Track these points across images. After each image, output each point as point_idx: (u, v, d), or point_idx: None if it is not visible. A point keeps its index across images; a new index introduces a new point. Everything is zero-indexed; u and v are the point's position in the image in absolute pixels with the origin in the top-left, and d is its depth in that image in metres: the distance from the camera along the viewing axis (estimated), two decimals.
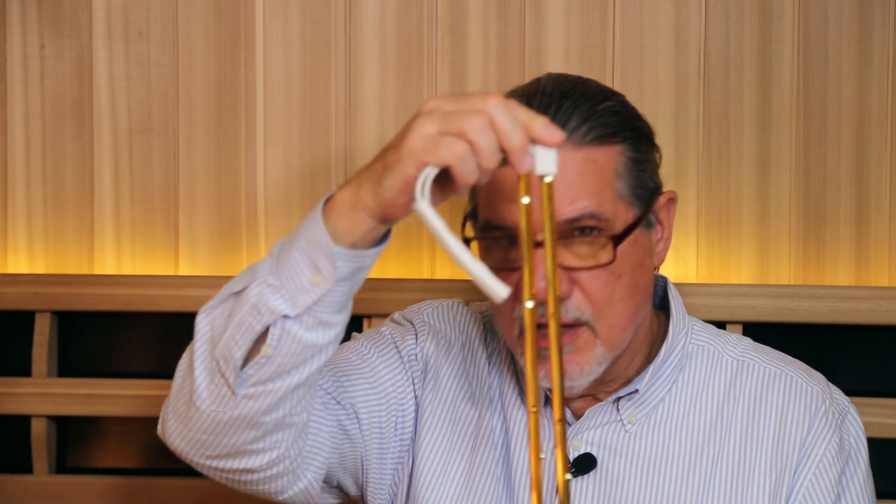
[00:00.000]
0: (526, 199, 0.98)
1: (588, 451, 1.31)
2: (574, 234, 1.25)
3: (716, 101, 1.76)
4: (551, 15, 1.77)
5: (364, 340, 1.40)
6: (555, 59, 1.76)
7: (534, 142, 1.00)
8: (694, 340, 1.37)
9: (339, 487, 1.36)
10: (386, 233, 1.10)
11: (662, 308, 1.39)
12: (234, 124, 1.83)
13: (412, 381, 1.38)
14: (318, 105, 1.81)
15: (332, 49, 1.81)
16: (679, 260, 1.76)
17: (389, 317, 1.46)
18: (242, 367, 1.12)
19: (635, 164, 1.29)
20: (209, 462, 1.21)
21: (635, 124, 1.32)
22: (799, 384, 1.35)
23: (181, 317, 1.78)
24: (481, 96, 1.00)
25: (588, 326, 1.26)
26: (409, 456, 1.38)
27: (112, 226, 1.85)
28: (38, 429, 1.81)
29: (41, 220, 1.86)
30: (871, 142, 1.74)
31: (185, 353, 1.18)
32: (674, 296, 1.38)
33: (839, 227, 1.75)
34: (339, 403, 1.31)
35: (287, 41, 1.81)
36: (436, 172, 1.01)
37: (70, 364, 1.84)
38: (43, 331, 1.80)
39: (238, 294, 1.12)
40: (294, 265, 1.09)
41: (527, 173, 0.99)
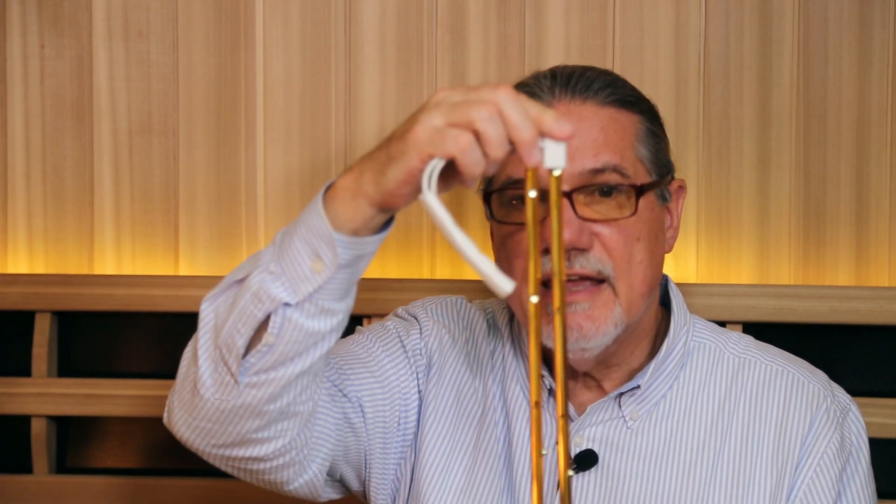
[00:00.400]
0: (533, 193, 0.97)
1: (590, 448, 1.31)
2: (594, 194, 1.27)
3: (716, 101, 1.76)
4: (551, 15, 1.77)
5: (369, 334, 1.41)
6: (555, 59, 1.76)
7: (543, 135, 0.99)
8: (696, 338, 1.38)
9: (341, 482, 1.37)
10: (388, 220, 1.10)
11: (665, 306, 1.40)
12: (234, 124, 1.83)
13: (416, 376, 1.39)
14: (318, 105, 1.81)
15: (332, 49, 1.81)
16: (679, 260, 1.76)
17: (394, 311, 1.46)
18: (245, 356, 1.12)
19: (653, 135, 1.33)
20: (215, 451, 1.21)
21: (649, 104, 1.36)
22: (801, 381, 1.35)
23: (181, 317, 1.78)
24: (491, 87, 1.00)
25: (609, 284, 1.27)
26: (411, 451, 1.38)
27: (112, 226, 1.85)
28: (38, 429, 1.81)
29: (41, 220, 1.86)
30: (871, 142, 1.74)
31: (191, 342, 1.18)
32: (675, 294, 1.39)
33: (839, 227, 1.75)
34: (344, 395, 1.31)
35: (287, 41, 1.81)
36: (442, 165, 1.00)
37: (70, 364, 1.84)
38: (43, 331, 1.80)
39: (241, 282, 1.13)
40: (295, 253, 1.09)
41: (534, 166, 0.98)
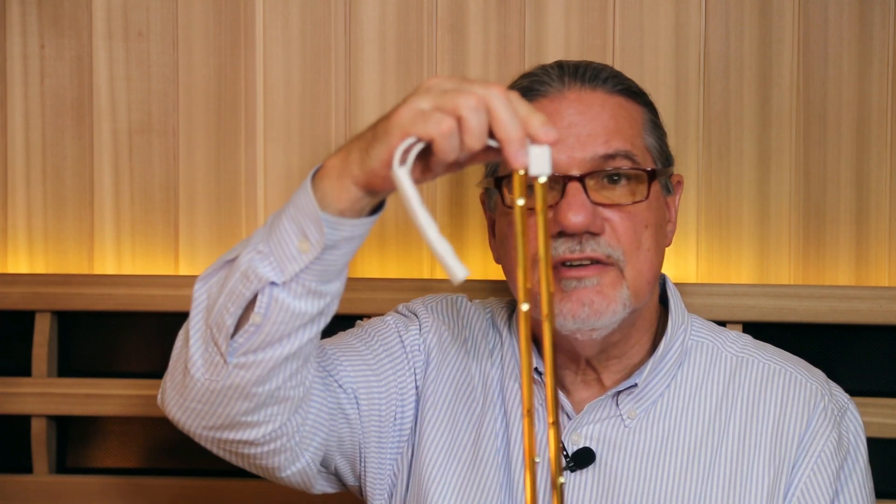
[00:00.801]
0: (521, 201, 0.96)
1: (587, 446, 1.31)
2: (604, 181, 1.28)
3: (716, 101, 1.76)
4: (551, 15, 1.77)
5: (368, 328, 1.41)
6: (554, 60, 1.75)
7: (529, 137, 0.99)
8: (693, 336, 1.38)
9: (336, 475, 1.37)
10: (378, 206, 1.10)
11: (664, 305, 1.40)
12: (234, 124, 1.83)
13: (414, 372, 1.39)
14: (318, 105, 1.81)
15: (332, 49, 1.81)
16: (679, 260, 1.76)
17: (394, 308, 1.47)
18: (234, 336, 1.12)
19: (657, 127, 1.35)
20: (206, 433, 1.21)
21: (648, 98, 1.38)
22: (798, 380, 1.35)
23: (181, 317, 1.77)
24: (483, 83, 1.01)
25: (618, 267, 1.28)
26: (408, 446, 1.38)
27: (112, 226, 1.85)
28: (38, 429, 1.81)
29: (41, 220, 1.86)
30: (871, 142, 1.74)
31: (185, 323, 1.19)
32: (672, 293, 1.39)
33: (839, 227, 1.75)
34: (340, 386, 1.32)
35: (287, 41, 1.81)
36: (421, 146, 1.00)
37: (70, 364, 1.84)
38: (43, 331, 1.81)
39: (232, 262, 1.13)
40: (283, 232, 1.09)
41: (519, 168, 0.97)
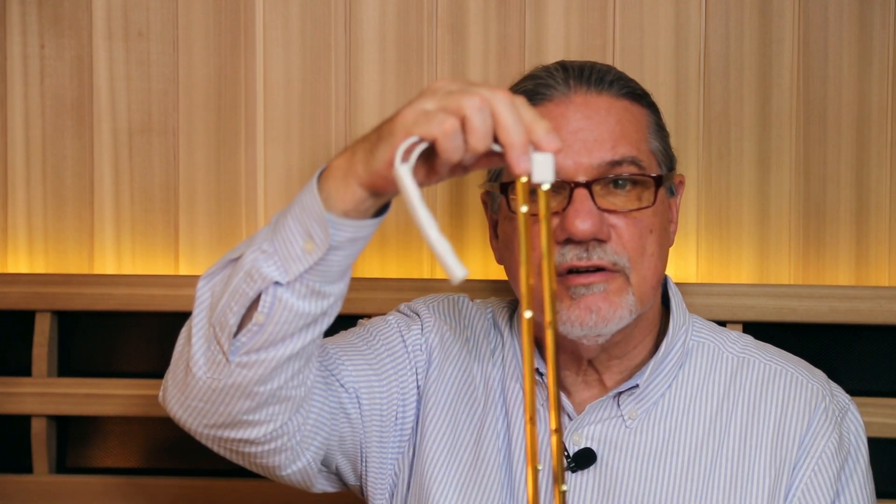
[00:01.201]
0: (524, 208, 0.96)
1: (588, 446, 1.31)
2: (609, 187, 1.28)
3: (716, 101, 1.76)
4: (551, 15, 1.77)
5: (370, 327, 1.41)
6: (555, 60, 1.75)
7: (532, 144, 0.98)
8: (695, 337, 1.38)
9: (337, 474, 1.37)
10: (384, 207, 1.09)
11: (665, 305, 1.40)
12: (234, 124, 1.83)
13: (415, 372, 1.39)
14: (318, 105, 1.81)
15: (332, 49, 1.81)
16: (679, 260, 1.76)
17: (396, 308, 1.47)
18: (236, 335, 1.12)
19: (660, 128, 1.35)
20: (207, 431, 1.21)
21: (652, 100, 1.38)
22: (799, 381, 1.35)
23: (181, 317, 1.77)
24: (489, 86, 1.00)
25: (623, 274, 1.28)
26: (409, 446, 1.38)
27: (112, 226, 1.85)
28: (38, 429, 1.80)
29: (41, 220, 1.86)
30: (871, 142, 1.74)
31: (187, 321, 1.19)
32: (674, 293, 1.39)
33: (839, 227, 1.75)
34: (342, 385, 1.32)
35: (287, 41, 1.81)
36: (425, 146, 1.00)
37: (70, 364, 1.84)
38: (43, 331, 1.80)
39: (237, 261, 1.13)
40: (288, 232, 1.09)
41: (521, 175, 0.97)
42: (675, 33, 1.75)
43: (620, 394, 1.33)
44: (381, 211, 1.10)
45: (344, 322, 1.48)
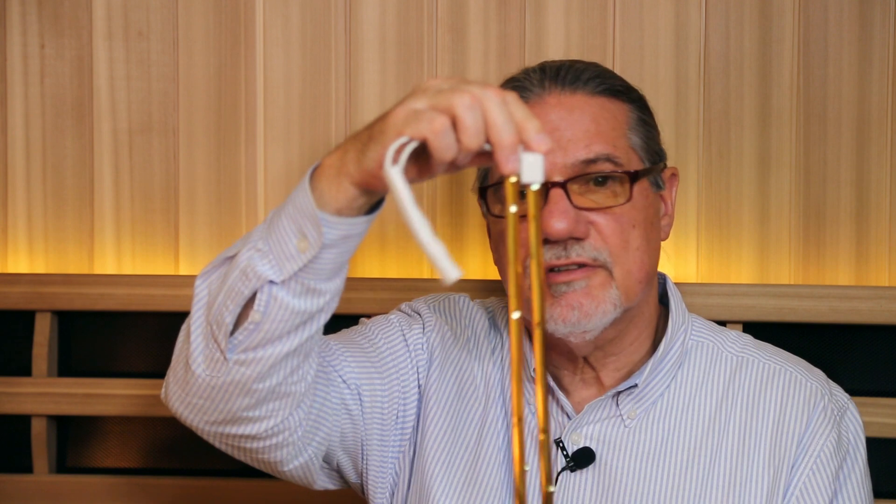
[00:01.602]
0: (513, 208, 0.95)
1: (587, 446, 1.32)
2: (589, 184, 1.28)
3: (716, 101, 1.76)
4: (551, 15, 1.77)
5: (372, 325, 1.41)
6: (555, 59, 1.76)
7: (522, 144, 0.97)
8: (694, 337, 1.38)
9: (338, 471, 1.37)
10: (377, 203, 1.09)
11: (664, 305, 1.40)
12: (234, 124, 1.83)
13: (416, 371, 1.39)
14: (318, 105, 1.81)
15: (332, 49, 1.81)
16: (679, 260, 1.76)
17: (397, 307, 1.47)
18: (233, 333, 1.12)
19: (644, 123, 1.34)
20: (209, 427, 1.21)
21: (638, 94, 1.37)
22: (798, 380, 1.35)
23: (181, 317, 1.77)
24: (481, 84, 1.00)
25: (605, 269, 1.28)
26: (410, 445, 1.38)
27: (112, 226, 1.85)
28: (38, 428, 1.81)
29: (41, 220, 1.86)
30: (871, 142, 1.74)
31: (187, 319, 1.19)
32: (673, 293, 1.39)
33: (839, 227, 1.75)
34: (343, 381, 1.32)
35: (287, 41, 1.81)
36: (415, 145, 0.99)
37: (70, 364, 1.84)
38: (43, 331, 1.80)
39: (232, 258, 1.13)
40: (282, 231, 1.09)
41: (509, 175, 0.96)
42: (675, 33, 1.75)
43: (619, 393, 1.33)
44: (374, 207, 1.09)
45: (343, 322, 1.48)
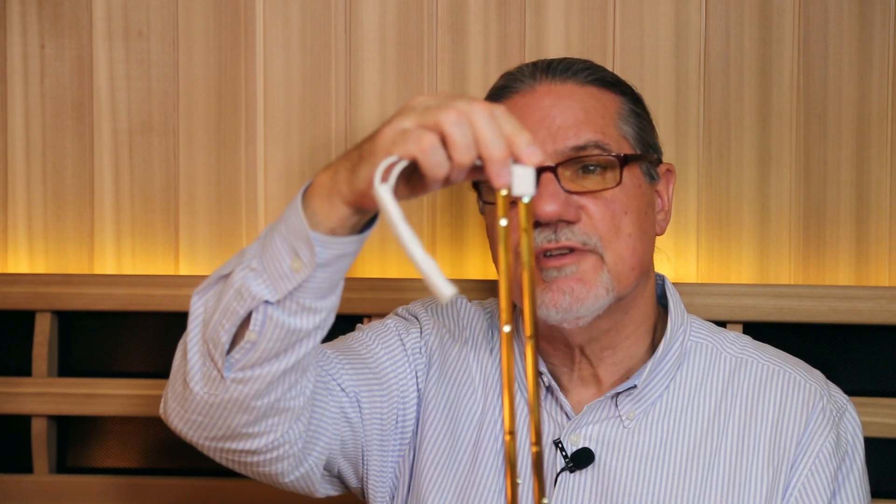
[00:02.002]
0: (504, 222, 0.94)
1: (586, 446, 1.32)
2: (579, 171, 1.28)
3: (716, 101, 1.76)
4: (551, 15, 1.77)
5: (368, 331, 1.41)
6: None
7: (514, 158, 0.96)
8: (693, 337, 1.38)
9: (339, 477, 1.37)
10: (370, 221, 1.09)
11: (664, 306, 1.40)
12: (235, 124, 1.83)
13: (415, 375, 1.39)
14: (319, 105, 1.81)
15: (332, 49, 1.81)
16: (679, 260, 1.76)
17: (394, 310, 1.47)
18: (230, 352, 1.12)
19: (636, 115, 1.35)
20: (208, 443, 1.21)
21: (630, 88, 1.37)
22: (797, 381, 1.35)
23: (181, 317, 1.77)
24: (468, 99, 0.99)
25: (596, 254, 1.28)
26: (410, 449, 1.38)
27: (112, 226, 1.85)
28: (39, 428, 1.81)
29: (41, 220, 1.86)
30: (871, 142, 1.74)
31: (183, 336, 1.19)
32: (672, 293, 1.39)
33: (839, 227, 1.75)
34: (342, 389, 1.32)
35: (287, 41, 1.81)
36: (404, 164, 0.99)
37: (70, 364, 1.84)
38: (43, 331, 1.80)
39: (227, 277, 1.13)
40: (275, 251, 1.09)
41: (501, 188, 0.95)
42: (675, 33, 1.75)
43: (618, 394, 1.33)
44: (369, 224, 1.09)
45: (344, 322, 1.48)
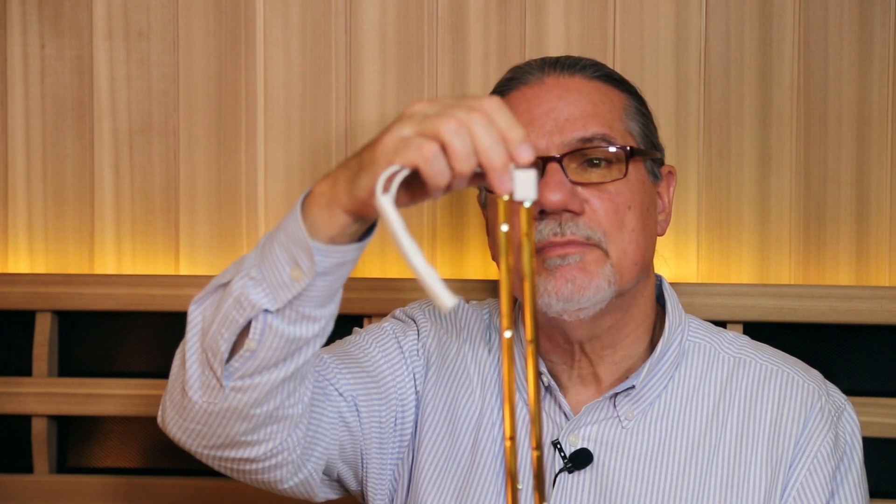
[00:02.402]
0: (505, 227, 0.95)
1: (584, 447, 1.31)
2: (584, 165, 1.29)
3: (716, 101, 1.76)
4: (551, 15, 1.77)
5: (365, 335, 1.41)
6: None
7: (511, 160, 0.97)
8: (691, 337, 1.38)
9: (339, 481, 1.37)
10: (369, 229, 1.09)
11: (662, 306, 1.40)
12: (235, 124, 1.83)
13: (413, 377, 1.39)
14: (319, 105, 1.81)
15: (332, 49, 1.81)
16: (679, 260, 1.76)
17: (391, 313, 1.46)
18: (229, 360, 1.12)
19: (641, 114, 1.35)
20: (206, 451, 1.21)
21: (635, 88, 1.38)
22: (795, 381, 1.35)
23: (181, 317, 1.77)
24: (466, 106, 0.98)
25: (599, 248, 1.28)
26: (409, 451, 1.38)
27: (112, 226, 1.85)
28: (39, 428, 1.81)
29: (41, 220, 1.86)
30: (872, 142, 1.74)
31: (181, 345, 1.18)
32: (669, 294, 1.39)
33: (839, 227, 1.75)
34: (340, 394, 1.32)
35: (287, 41, 1.81)
36: (406, 173, 0.99)
37: (70, 364, 1.84)
38: (43, 331, 1.80)
39: (226, 286, 1.12)
40: (275, 259, 1.08)
41: (504, 194, 0.96)
42: (675, 33, 1.75)
43: (617, 395, 1.33)
44: (368, 232, 1.09)
45: (345, 322, 1.48)
